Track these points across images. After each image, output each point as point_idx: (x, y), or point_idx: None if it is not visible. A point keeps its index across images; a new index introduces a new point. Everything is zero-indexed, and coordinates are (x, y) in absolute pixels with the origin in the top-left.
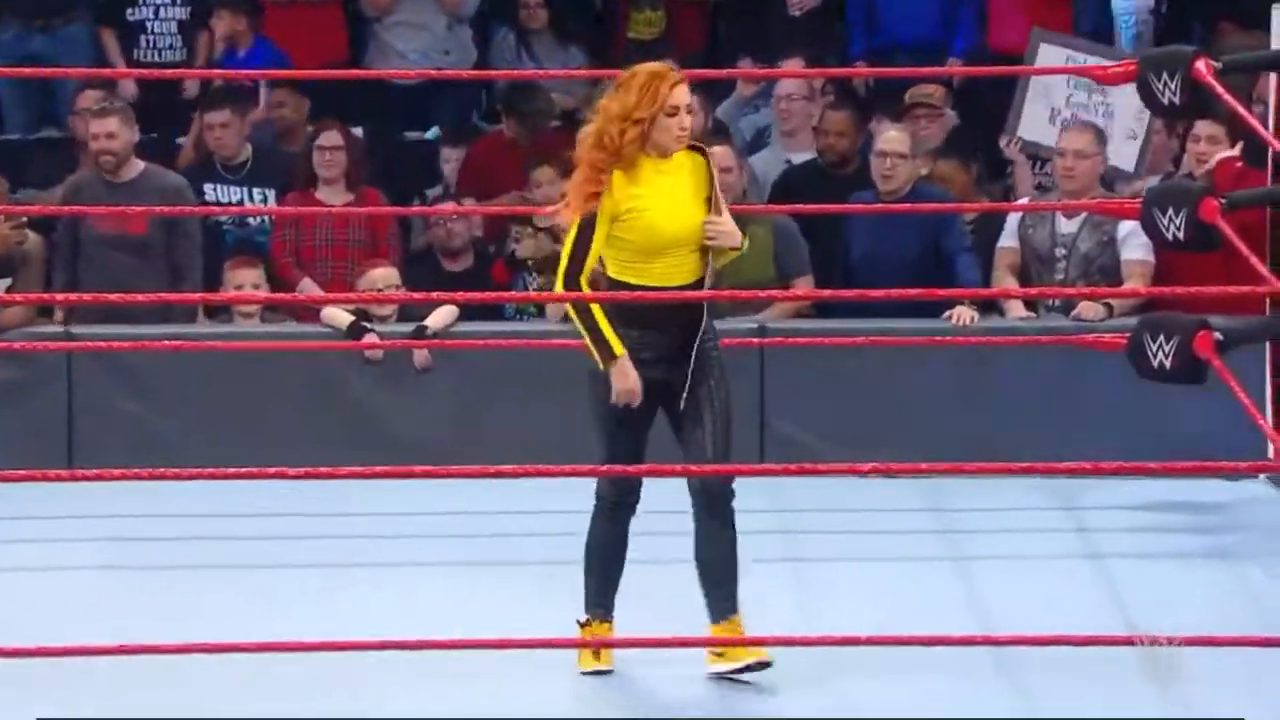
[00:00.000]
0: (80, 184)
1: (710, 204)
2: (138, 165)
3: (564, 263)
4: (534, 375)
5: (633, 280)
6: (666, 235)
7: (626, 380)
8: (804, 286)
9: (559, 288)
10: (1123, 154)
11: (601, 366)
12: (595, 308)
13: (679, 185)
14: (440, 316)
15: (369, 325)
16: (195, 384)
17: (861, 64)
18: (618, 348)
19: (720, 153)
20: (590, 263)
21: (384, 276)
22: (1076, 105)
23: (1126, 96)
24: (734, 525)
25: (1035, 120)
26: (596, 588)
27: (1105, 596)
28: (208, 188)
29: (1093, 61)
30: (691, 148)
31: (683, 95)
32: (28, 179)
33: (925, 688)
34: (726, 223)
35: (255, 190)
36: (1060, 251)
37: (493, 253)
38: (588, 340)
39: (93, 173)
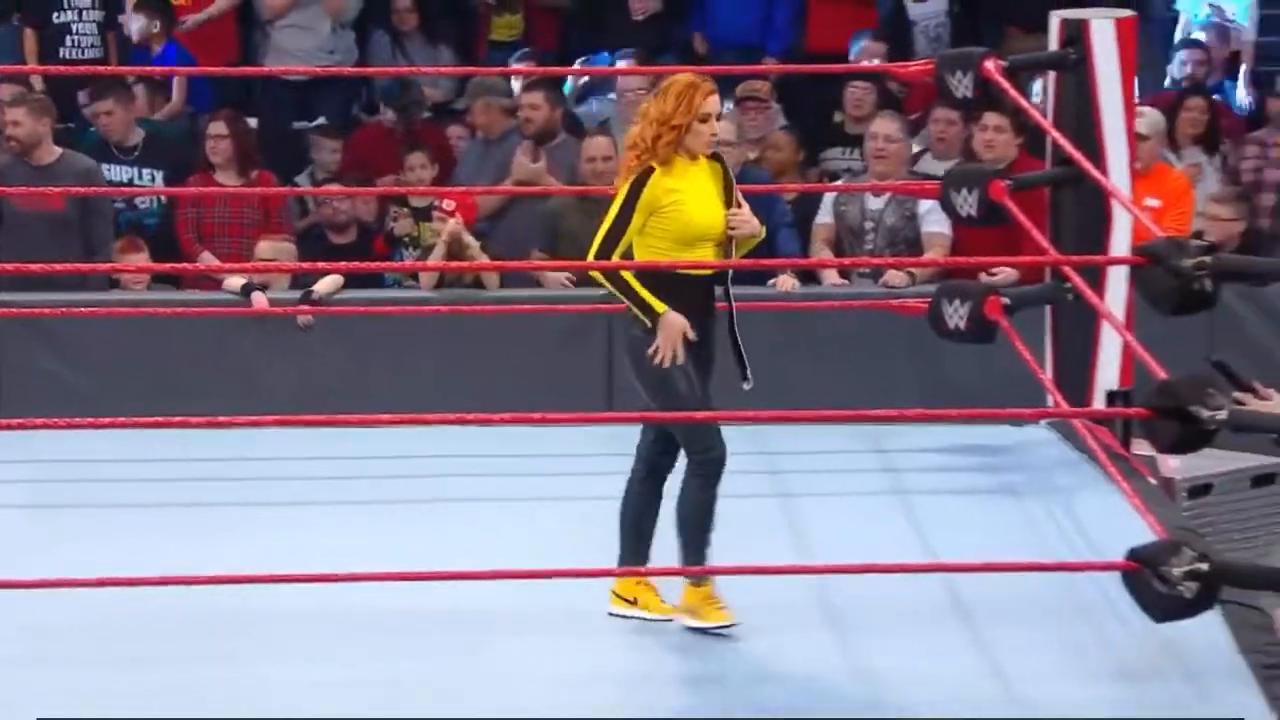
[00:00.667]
0: (3, 167)
1: (731, 203)
2: (55, 150)
3: (601, 236)
4: (410, 336)
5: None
6: (699, 227)
7: (674, 324)
8: None
9: (592, 256)
10: None
11: (650, 325)
12: (628, 275)
13: (707, 184)
14: (326, 284)
15: (260, 287)
16: (108, 344)
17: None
18: (659, 305)
19: (603, 143)
20: (623, 244)
21: (273, 249)
22: None
23: None
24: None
25: None
26: (704, 552)
27: (908, 528)
28: (104, 168)
29: None
30: (711, 155)
31: (715, 104)
32: None
33: (747, 617)
34: (747, 213)
35: (145, 171)
36: (869, 225)
37: (375, 229)
38: (630, 305)
39: (13, 157)
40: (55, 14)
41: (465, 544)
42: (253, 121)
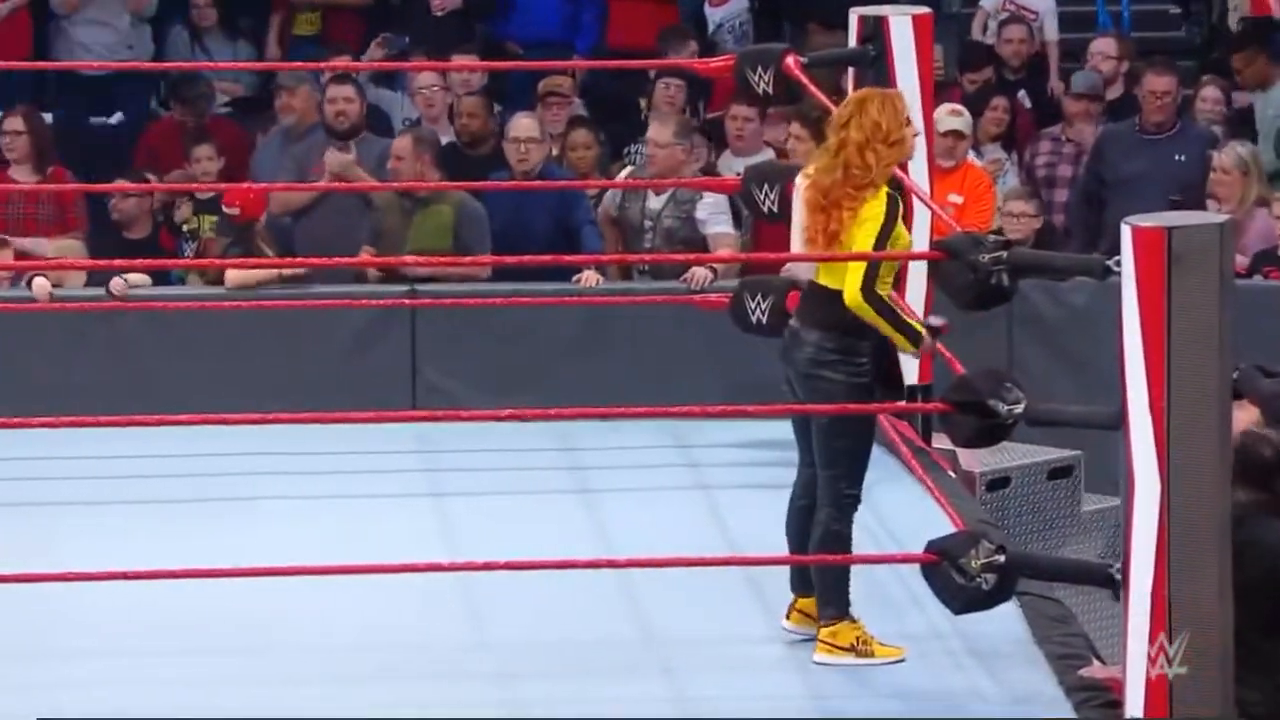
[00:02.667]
0: None
1: None
2: None
3: (864, 269)
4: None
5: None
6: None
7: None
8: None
9: (856, 290)
10: None
11: (916, 350)
12: (894, 301)
13: None
14: (134, 279)
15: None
16: None
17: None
18: (919, 325)
19: (406, 143)
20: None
21: (60, 248)
22: None
23: None
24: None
25: None
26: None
27: (710, 522)
28: None
29: None
30: None
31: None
32: None
33: (553, 609)
34: None
35: None
36: (648, 224)
37: (161, 221)
38: (892, 333)
39: None
40: None
41: (271, 543)
42: (48, 117)
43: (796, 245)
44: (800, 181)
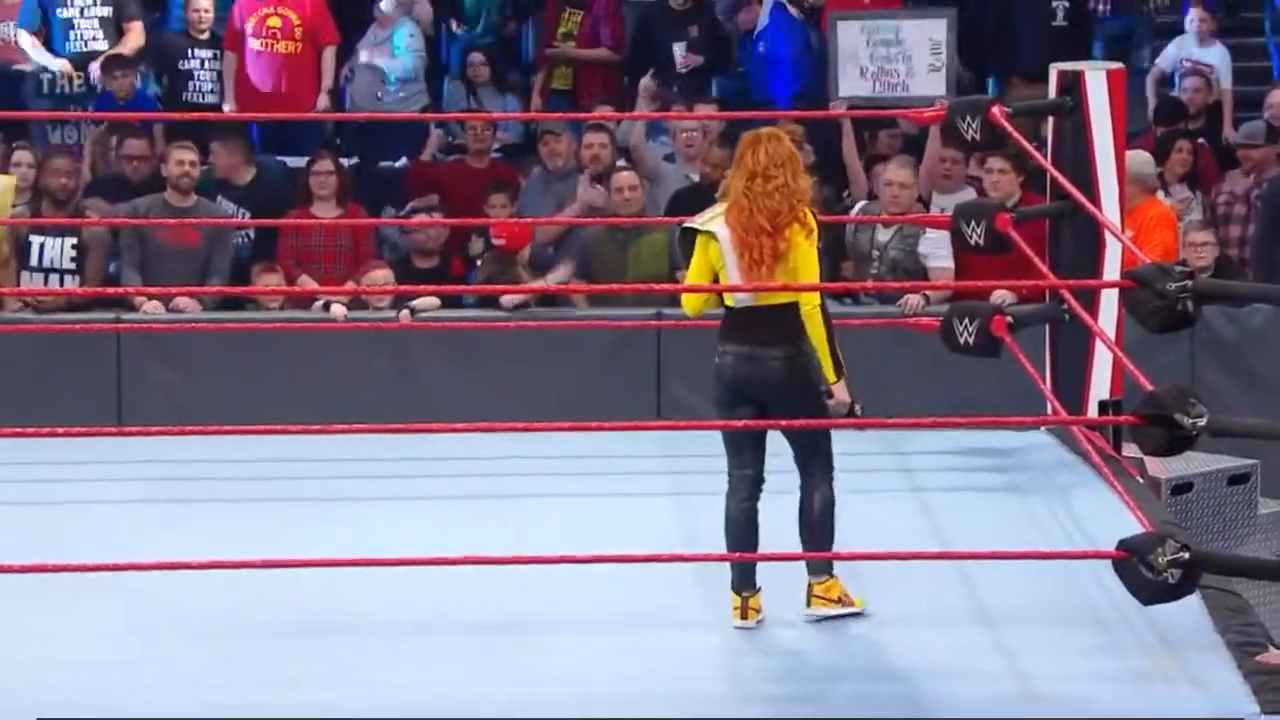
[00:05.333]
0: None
1: None
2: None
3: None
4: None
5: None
6: None
7: None
8: None
9: (815, 306)
10: (930, 84)
11: (835, 380)
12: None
13: None
14: (423, 303)
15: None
16: (219, 358)
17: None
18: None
19: (628, 176)
20: None
21: (375, 278)
22: (880, 59)
23: (918, 40)
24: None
25: (849, 81)
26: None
27: (924, 521)
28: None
29: (883, 26)
30: None
31: None
32: None
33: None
34: None
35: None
36: (875, 254)
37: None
38: (826, 349)
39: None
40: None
41: (535, 537)
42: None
43: (736, 275)
44: (720, 216)
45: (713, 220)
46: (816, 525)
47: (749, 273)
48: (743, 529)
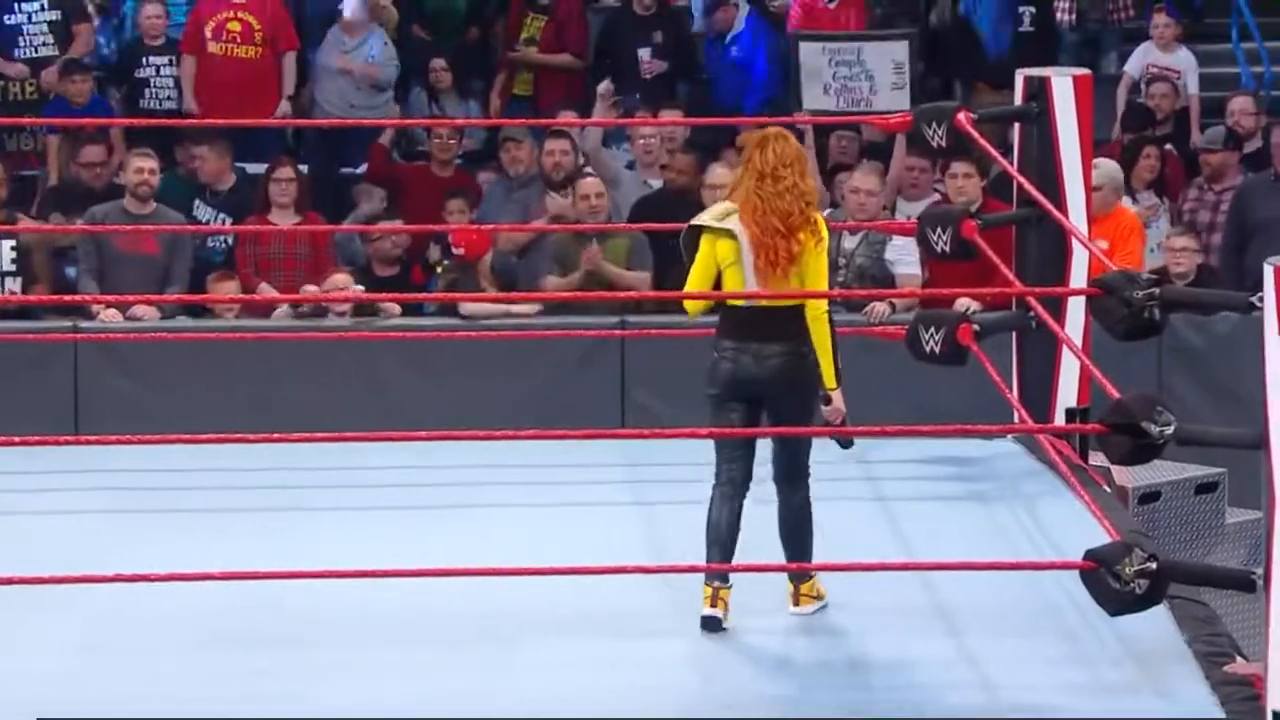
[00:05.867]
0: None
1: None
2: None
3: None
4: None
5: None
6: None
7: None
8: None
9: (822, 310)
10: (893, 100)
11: (834, 386)
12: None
13: None
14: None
15: None
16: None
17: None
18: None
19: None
20: None
21: (336, 281)
22: (843, 77)
23: (879, 61)
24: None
25: (813, 97)
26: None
27: (890, 531)
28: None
29: (845, 47)
30: None
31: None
32: None
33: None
34: None
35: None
36: (841, 261)
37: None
38: (829, 354)
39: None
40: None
41: (502, 547)
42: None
43: (750, 274)
44: (732, 211)
45: (728, 218)
46: (800, 530)
47: (764, 273)
48: (726, 526)
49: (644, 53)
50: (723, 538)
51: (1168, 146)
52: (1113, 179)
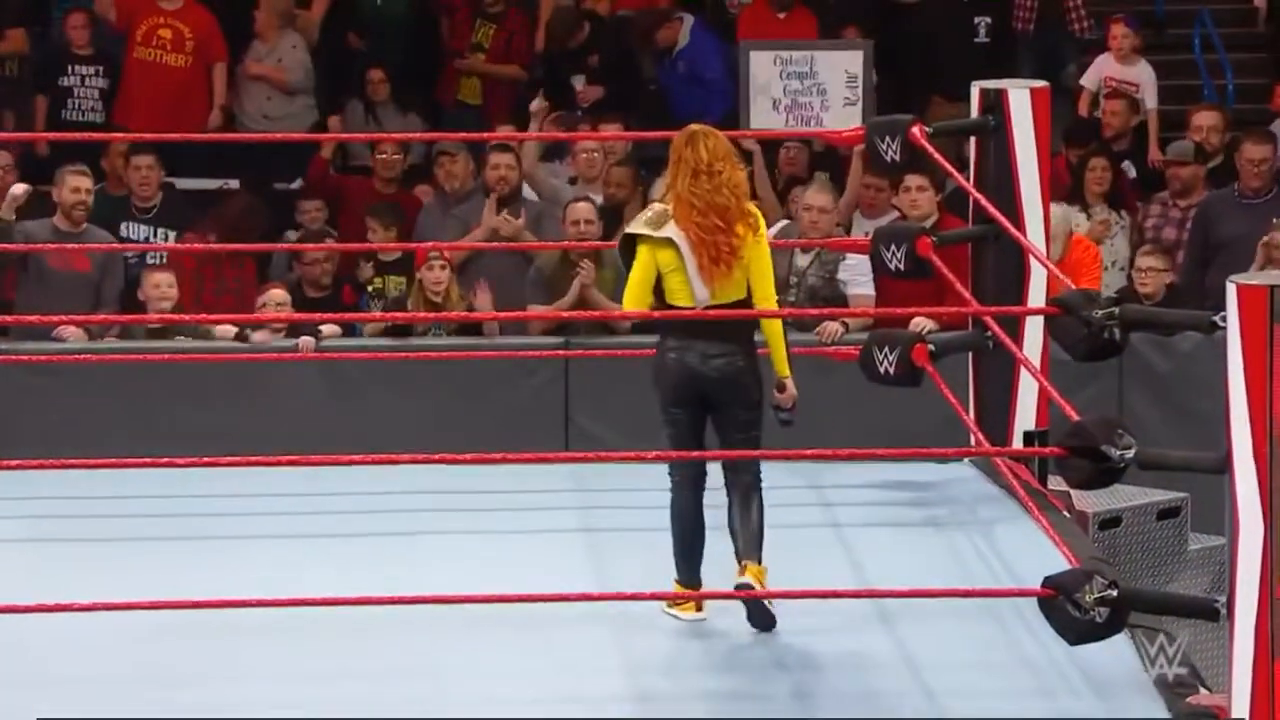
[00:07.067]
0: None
1: None
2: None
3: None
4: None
5: None
6: None
7: None
8: None
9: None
10: (844, 118)
11: (787, 374)
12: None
13: None
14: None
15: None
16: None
17: None
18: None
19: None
20: None
21: (275, 295)
22: (793, 92)
23: (832, 73)
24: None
25: (761, 113)
26: None
27: (843, 558)
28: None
29: (797, 57)
30: None
31: None
32: None
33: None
34: None
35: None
36: (793, 280)
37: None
38: (782, 345)
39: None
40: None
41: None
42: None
43: (695, 276)
44: (666, 216)
45: (665, 225)
46: (755, 521)
47: (708, 271)
48: (691, 523)
49: (578, 80)
50: (689, 537)
51: (1125, 162)
52: (1065, 222)
